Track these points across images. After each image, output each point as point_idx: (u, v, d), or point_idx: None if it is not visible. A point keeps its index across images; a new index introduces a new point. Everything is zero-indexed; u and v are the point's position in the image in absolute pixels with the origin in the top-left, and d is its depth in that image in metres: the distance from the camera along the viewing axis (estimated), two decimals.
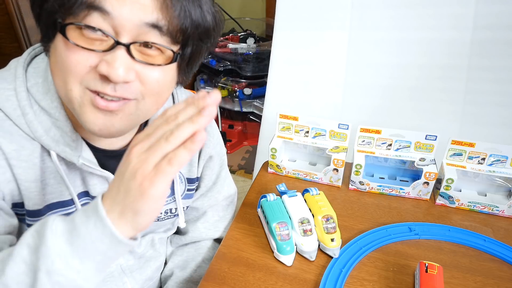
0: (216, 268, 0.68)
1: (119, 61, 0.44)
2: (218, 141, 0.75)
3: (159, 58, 0.48)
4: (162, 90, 0.51)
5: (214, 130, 0.73)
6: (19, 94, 0.51)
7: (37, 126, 0.51)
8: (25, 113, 0.51)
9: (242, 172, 2.08)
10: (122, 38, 0.45)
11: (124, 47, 0.45)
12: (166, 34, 0.46)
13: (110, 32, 0.44)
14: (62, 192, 0.56)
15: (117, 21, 0.44)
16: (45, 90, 0.52)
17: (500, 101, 1.13)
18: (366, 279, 0.66)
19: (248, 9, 2.29)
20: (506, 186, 0.82)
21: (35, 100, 0.52)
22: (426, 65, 1.16)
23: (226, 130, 2.24)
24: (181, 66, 0.53)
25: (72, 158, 0.54)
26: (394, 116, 1.22)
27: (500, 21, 1.07)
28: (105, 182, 0.59)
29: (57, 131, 0.53)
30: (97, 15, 0.43)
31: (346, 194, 0.87)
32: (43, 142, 0.52)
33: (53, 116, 0.52)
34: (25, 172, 0.52)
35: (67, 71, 0.46)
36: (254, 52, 1.98)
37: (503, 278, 0.67)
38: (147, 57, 0.47)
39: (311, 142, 0.88)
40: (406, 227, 0.77)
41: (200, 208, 0.78)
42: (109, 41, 0.45)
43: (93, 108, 0.47)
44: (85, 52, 0.45)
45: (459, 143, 0.81)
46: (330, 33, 1.21)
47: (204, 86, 2.18)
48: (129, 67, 0.46)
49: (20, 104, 0.51)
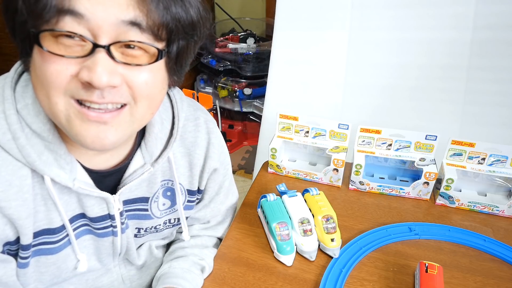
0: (216, 268, 0.68)
1: (100, 65, 0.42)
2: (222, 150, 0.70)
3: (143, 57, 0.45)
4: (153, 93, 0.48)
5: (218, 140, 0.68)
6: (9, 117, 0.48)
7: (29, 150, 0.48)
8: (16, 138, 0.48)
9: (242, 172, 2.08)
10: (100, 40, 0.42)
11: (104, 49, 0.42)
12: (146, 31, 0.43)
13: (87, 35, 0.42)
14: (53, 219, 0.54)
15: (93, 22, 0.41)
16: (35, 113, 0.49)
17: (500, 101, 1.13)
18: (366, 279, 0.66)
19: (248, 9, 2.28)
20: (506, 186, 0.82)
21: (26, 123, 0.49)
22: (426, 65, 1.16)
23: (226, 130, 2.24)
24: (170, 65, 0.49)
25: (67, 182, 0.51)
26: (394, 116, 1.21)
27: (500, 21, 1.07)
28: (103, 202, 0.57)
29: (50, 154, 0.50)
30: (70, 19, 0.41)
31: (346, 194, 0.87)
32: (36, 167, 0.49)
33: (45, 139, 0.50)
34: (16, 211, 0.49)
35: (47, 83, 0.43)
36: (254, 52, 1.98)
37: (503, 278, 0.67)
38: (130, 58, 0.44)
39: (311, 142, 0.88)
40: (406, 227, 0.77)
41: (202, 218, 0.75)
42: (88, 45, 0.42)
43: (82, 121, 0.45)
44: (64, 60, 0.42)
45: (459, 143, 0.81)
46: (330, 33, 1.21)
47: (204, 86, 2.18)
48: (112, 71, 0.43)
49: (11, 128, 0.48)
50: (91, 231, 0.59)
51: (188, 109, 0.65)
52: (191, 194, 0.69)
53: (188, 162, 0.65)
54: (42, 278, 0.57)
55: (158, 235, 0.70)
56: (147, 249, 0.70)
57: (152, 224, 0.66)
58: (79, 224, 0.58)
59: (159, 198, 0.64)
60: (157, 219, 0.66)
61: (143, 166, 0.59)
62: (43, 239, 0.54)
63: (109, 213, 0.58)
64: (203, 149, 0.66)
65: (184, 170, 0.66)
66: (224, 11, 2.19)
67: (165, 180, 0.64)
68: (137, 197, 0.62)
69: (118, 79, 0.44)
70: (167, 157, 0.61)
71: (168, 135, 0.61)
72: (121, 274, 0.68)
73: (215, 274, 0.67)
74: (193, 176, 0.67)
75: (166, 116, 0.61)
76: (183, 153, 0.64)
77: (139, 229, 0.65)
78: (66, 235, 0.56)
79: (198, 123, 0.65)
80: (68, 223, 0.55)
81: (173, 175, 0.63)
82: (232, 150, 2.24)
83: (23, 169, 0.49)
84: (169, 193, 0.65)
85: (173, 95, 0.63)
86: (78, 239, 0.58)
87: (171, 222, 0.69)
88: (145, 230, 0.66)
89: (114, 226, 0.60)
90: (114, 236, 0.61)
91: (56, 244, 0.55)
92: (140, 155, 0.58)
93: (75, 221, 0.57)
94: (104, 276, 0.66)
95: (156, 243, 0.72)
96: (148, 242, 0.71)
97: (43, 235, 0.54)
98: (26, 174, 0.50)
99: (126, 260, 0.68)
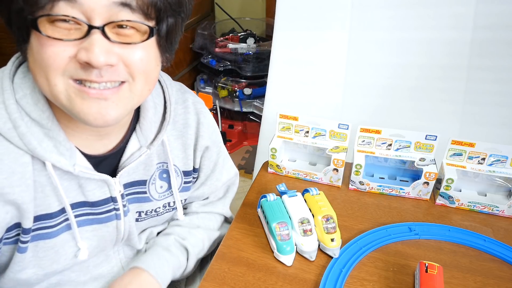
0: (216, 268, 0.68)
1: (97, 45, 0.44)
2: (213, 129, 0.73)
3: (136, 36, 0.48)
4: (148, 69, 0.51)
5: (208, 120, 0.72)
6: (8, 107, 0.50)
7: (30, 138, 0.50)
8: (17, 126, 0.50)
9: (242, 172, 2.08)
10: (94, 22, 0.44)
11: (99, 30, 0.45)
12: (137, 11, 0.46)
13: (82, 18, 0.44)
14: (50, 204, 0.56)
15: (86, 5, 0.43)
16: (34, 101, 0.51)
17: (500, 101, 1.13)
18: (366, 279, 0.66)
19: (248, 9, 2.28)
20: (506, 186, 0.82)
21: (25, 112, 0.51)
22: (426, 65, 1.16)
23: (226, 130, 2.24)
24: (161, 42, 0.52)
25: (68, 167, 0.53)
26: (394, 116, 1.21)
27: (500, 21, 1.07)
28: (104, 185, 0.59)
29: (50, 141, 0.52)
30: (64, 4, 0.43)
31: (346, 194, 0.87)
32: (37, 154, 0.51)
33: (45, 127, 0.52)
34: (20, 196, 0.51)
35: (46, 66, 0.45)
36: (254, 52, 1.98)
37: (503, 278, 0.67)
38: (124, 37, 0.47)
39: (311, 142, 0.88)
40: (406, 227, 0.77)
41: (201, 196, 0.77)
42: (83, 27, 0.44)
43: (83, 99, 0.47)
44: (61, 43, 0.44)
45: (459, 143, 0.81)
46: (330, 33, 1.21)
47: (204, 86, 2.18)
48: (108, 50, 0.45)
49: (11, 117, 0.50)
50: (93, 220, 0.61)
51: (177, 93, 0.68)
52: (187, 175, 0.71)
53: (181, 144, 0.68)
54: (41, 263, 0.58)
55: (159, 219, 0.72)
56: (149, 234, 0.73)
57: (152, 207, 0.68)
58: (79, 212, 0.59)
59: (156, 180, 0.67)
60: (156, 202, 0.68)
61: (139, 149, 0.61)
62: (41, 224, 0.56)
63: (111, 196, 0.60)
64: (193, 129, 0.69)
65: (178, 152, 0.68)
66: (224, 11, 2.19)
67: (160, 162, 0.67)
68: (134, 180, 0.64)
69: (115, 58, 0.46)
70: (161, 140, 0.64)
71: (161, 119, 0.64)
72: (120, 260, 0.70)
73: (215, 274, 0.67)
74: (187, 157, 0.70)
75: (158, 101, 0.64)
76: (175, 135, 0.67)
77: (139, 212, 0.67)
78: (64, 220, 0.58)
79: (187, 105, 0.68)
80: (69, 207, 0.57)
81: (167, 157, 0.66)
82: (232, 150, 2.24)
83: (25, 156, 0.51)
84: (165, 175, 0.68)
85: (164, 81, 0.65)
86: (78, 228, 0.59)
87: (171, 206, 0.71)
88: (145, 213, 0.68)
89: (117, 209, 0.62)
90: (117, 220, 0.63)
91: (53, 229, 0.57)
92: (135, 138, 0.61)
93: (74, 209, 0.58)
94: (104, 262, 0.67)
95: (158, 229, 0.75)
96: (150, 229, 0.73)
97: (41, 220, 0.56)
98: (27, 161, 0.52)
99: (125, 246, 0.70)
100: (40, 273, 0.58)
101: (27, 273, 0.57)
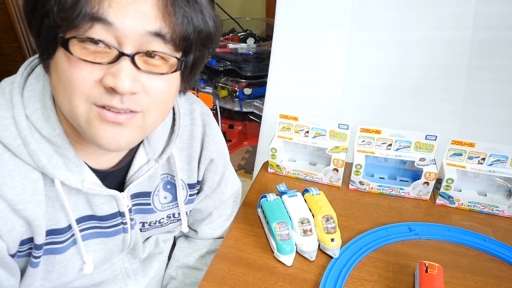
0: (216, 268, 0.68)
1: (124, 72, 0.44)
2: (219, 142, 0.72)
3: (164, 67, 0.47)
4: (166, 101, 0.50)
5: (214, 132, 0.70)
6: (19, 123, 0.49)
7: (40, 155, 0.50)
8: (27, 143, 0.49)
9: (242, 172, 2.08)
10: (125, 48, 0.44)
11: (129, 58, 0.44)
12: (169, 42, 0.46)
13: (113, 43, 0.43)
14: (59, 220, 0.55)
15: (120, 31, 0.43)
16: (45, 117, 0.50)
17: (500, 101, 1.13)
18: (366, 279, 0.66)
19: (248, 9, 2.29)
20: (506, 186, 0.82)
21: (35, 128, 0.50)
22: (426, 65, 1.16)
23: (226, 130, 2.24)
24: (185, 73, 0.52)
25: (76, 184, 0.53)
26: (394, 116, 1.22)
27: (500, 21, 1.07)
28: (112, 200, 0.58)
29: (59, 158, 0.51)
30: (99, 27, 0.42)
31: (346, 194, 0.87)
32: (46, 171, 0.50)
33: (55, 144, 0.51)
34: (33, 212, 0.51)
35: (72, 88, 0.45)
36: (254, 52, 1.98)
37: (503, 278, 0.67)
38: (151, 67, 0.46)
39: (311, 142, 0.88)
40: (406, 227, 0.77)
41: (204, 210, 0.76)
42: (113, 52, 0.44)
43: (101, 122, 0.46)
44: (89, 66, 0.44)
45: (459, 143, 0.81)
46: (330, 33, 1.21)
47: (204, 86, 2.18)
48: (134, 78, 0.45)
49: (21, 134, 0.49)
50: (100, 233, 0.60)
51: (184, 103, 0.66)
52: (192, 187, 0.70)
53: (186, 156, 0.67)
54: (49, 277, 0.58)
55: (163, 229, 0.72)
56: (154, 241, 0.73)
57: (155, 218, 0.68)
58: (87, 226, 0.59)
59: (160, 191, 0.66)
60: (159, 213, 0.67)
61: (147, 163, 0.60)
62: (51, 238, 0.56)
63: (119, 211, 0.60)
64: (199, 141, 0.68)
65: (183, 165, 0.67)
66: (224, 11, 2.19)
67: (164, 174, 0.66)
68: (139, 191, 0.63)
69: (139, 86, 0.46)
70: (170, 153, 0.63)
71: (170, 131, 0.63)
72: (125, 268, 0.70)
73: (215, 274, 0.67)
74: (191, 169, 0.69)
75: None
76: (180, 147, 0.66)
77: (143, 223, 0.67)
78: (72, 235, 0.58)
79: (193, 116, 0.67)
80: (75, 223, 0.56)
81: (172, 169, 0.65)
82: (232, 150, 2.25)
83: (34, 172, 0.51)
84: (169, 186, 0.67)
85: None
86: (85, 241, 0.59)
87: (175, 217, 0.71)
88: (149, 224, 0.68)
89: (125, 223, 0.62)
90: (124, 233, 0.63)
91: (63, 244, 0.57)
92: (143, 151, 0.60)
93: (82, 222, 0.58)
94: (108, 270, 0.67)
95: (163, 236, 0.75)
96: (155, 236, 0.73)
97: (51, 234, 0.55)
98: (37, 177, 0.51)
99: (129, 254, 0.70)
100: (47, 286, 0.58)
101: (36, 285, 0.57)
